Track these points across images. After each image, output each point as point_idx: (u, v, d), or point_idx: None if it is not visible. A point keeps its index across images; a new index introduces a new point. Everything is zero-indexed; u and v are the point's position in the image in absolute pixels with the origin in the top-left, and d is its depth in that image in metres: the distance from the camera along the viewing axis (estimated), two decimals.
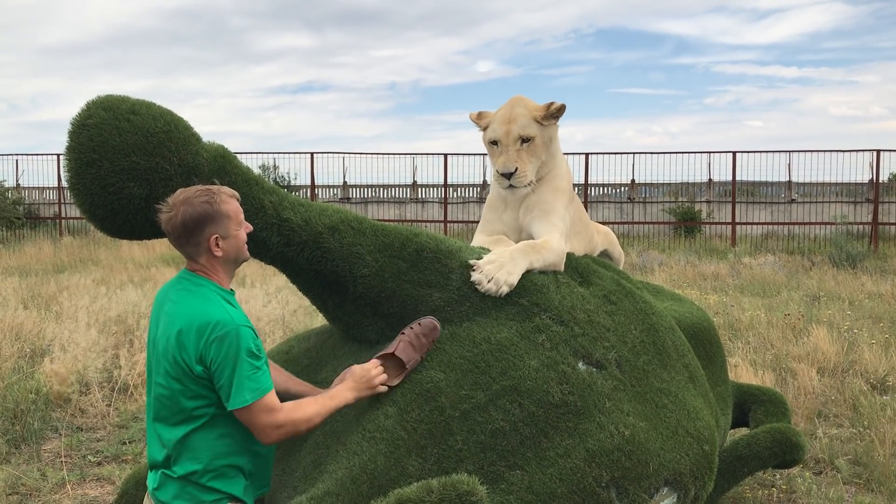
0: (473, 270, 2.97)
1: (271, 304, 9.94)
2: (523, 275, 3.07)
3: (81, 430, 5.89)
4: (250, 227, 2.56)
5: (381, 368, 2.69)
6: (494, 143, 3.52)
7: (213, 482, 2.42)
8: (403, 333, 2.78)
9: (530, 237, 3.44)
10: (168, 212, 2.41)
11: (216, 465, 2.42)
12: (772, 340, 8.11)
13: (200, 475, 2.41)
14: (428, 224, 22.73)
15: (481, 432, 2.67)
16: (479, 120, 3.66)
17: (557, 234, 3.36)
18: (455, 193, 24.18)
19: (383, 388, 2.69)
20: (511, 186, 3.45)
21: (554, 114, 3.47)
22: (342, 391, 2.59)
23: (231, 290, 2.54)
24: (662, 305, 3.92)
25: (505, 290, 2.96)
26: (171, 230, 2.42)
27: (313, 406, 2.49)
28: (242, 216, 2.52)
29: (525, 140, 3.45)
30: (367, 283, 2.88)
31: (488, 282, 2.94)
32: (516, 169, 3.41)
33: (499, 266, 2.99)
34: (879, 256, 16.80)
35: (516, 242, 3.38)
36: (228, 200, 2.46)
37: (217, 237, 2.43)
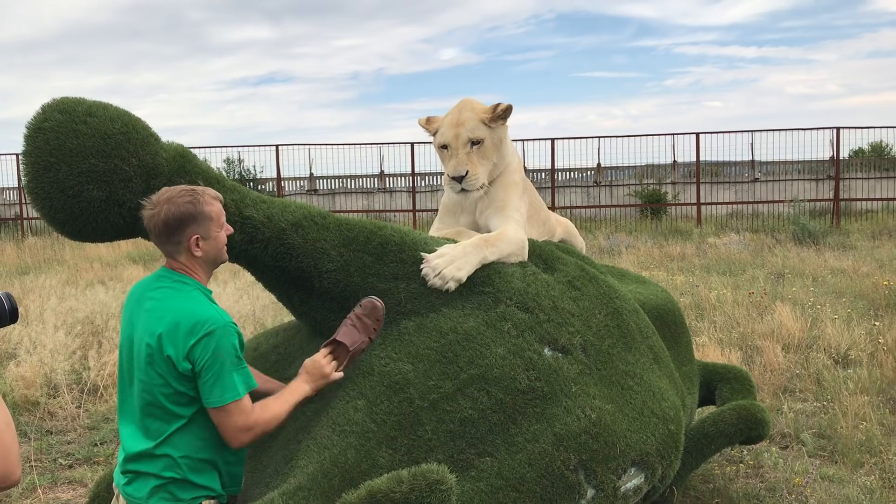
0: (423, 264, 2.97)
1: (242, 299, 9.90)
2: (488, 264, 3.10)
3: (51, 433, 5.83)
4: (231, 230, 2.59)
5: (329, 357, 2.67)
6: (444, 147, 3.53)
7: (193, 478, 2.43)
8: (347, 318, 2.76)
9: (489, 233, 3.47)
10: (151, 209, 2.43)
11: (195, 463, 2.43)
12: (737, 319, 8.25)
13: (179, 471, 2.41)
14: (396, 213, 22.69)
15: (450, 421, 2.70)
16: (429, 125, 3.70)
17: (513, 224, 3.38)
18: (423, 182, 24.17)
19: (338, 375, 2.66)
20: (463, 190, 3.46)
21: (501, 115, 3.50)
22: (299, 385, 2.59)
23: (209, 289, 2.55)
24: (627, 289, 3.97)
25: (452, 285, 2.95)
26: (153, 228, 2.43)
27: (276, 404, 2.50)
28: (224, 218, 2.54)
29: (475, 143, 3.47)
30: (333, 278, 2.89)
31: (435, 276, 2.93)
32: (467, 172, 3.42)
33: (449, 260, 2.98)
34: (842, 232, 17.11)
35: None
36: (212, 202, 2.48)
37: (198, 237, 2.45)
